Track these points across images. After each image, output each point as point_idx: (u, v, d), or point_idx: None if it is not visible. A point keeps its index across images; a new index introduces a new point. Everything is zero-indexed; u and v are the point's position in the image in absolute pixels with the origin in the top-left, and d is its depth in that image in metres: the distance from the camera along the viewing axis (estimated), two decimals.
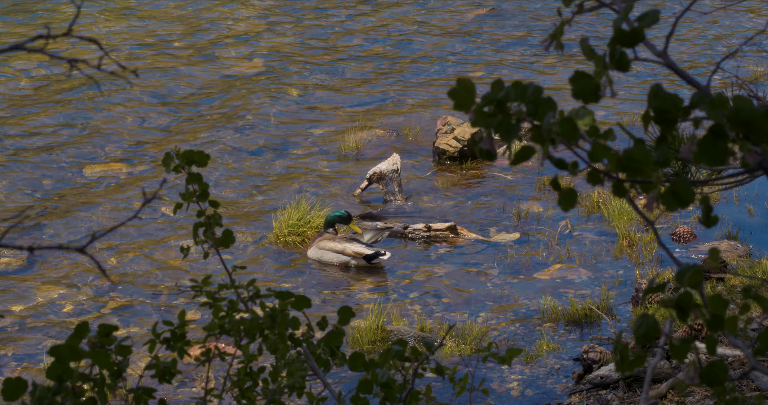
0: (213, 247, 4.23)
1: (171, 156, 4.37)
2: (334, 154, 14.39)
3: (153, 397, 3.48)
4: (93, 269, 11.65)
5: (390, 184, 13.29)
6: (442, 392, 9.17)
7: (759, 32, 5.13)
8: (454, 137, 14.22)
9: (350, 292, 11.48)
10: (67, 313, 10.94)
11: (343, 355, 4.37)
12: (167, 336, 3.60)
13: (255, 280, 3.86)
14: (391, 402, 4.19)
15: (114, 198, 13.14)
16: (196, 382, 9.82)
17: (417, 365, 3.94)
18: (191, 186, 4.37)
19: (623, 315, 10.87)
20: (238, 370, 3.79)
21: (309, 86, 16.38)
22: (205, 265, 11.74)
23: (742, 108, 2.96)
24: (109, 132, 14.80)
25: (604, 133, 3.14)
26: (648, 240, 12.17)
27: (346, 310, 4.41)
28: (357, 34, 18.47)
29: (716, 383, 3.01)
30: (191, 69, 16.78)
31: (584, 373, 9.92)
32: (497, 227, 12.74)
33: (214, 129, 14.95)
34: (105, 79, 15.86)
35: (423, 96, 16.13)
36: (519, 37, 18.43)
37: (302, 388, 3.87)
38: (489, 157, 3.16)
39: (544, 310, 10.92)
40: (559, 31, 3.28)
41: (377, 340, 10.36)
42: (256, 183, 13.62)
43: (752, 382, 8.91)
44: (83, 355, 3.14)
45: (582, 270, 11.76)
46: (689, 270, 2.88)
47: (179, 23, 18.77)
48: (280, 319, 3.70)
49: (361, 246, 11.94)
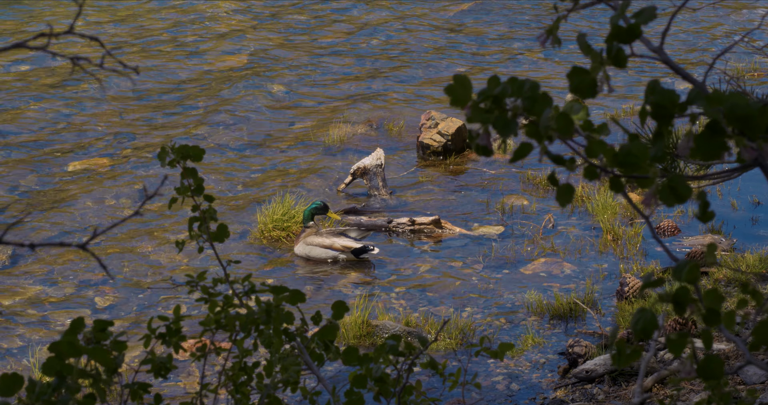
0: (208, 241, 4.23)
1: (166, 151, 4.37)
2: (317, 149, 14.39)
3: (148, 392, 3.48)
4: (76, 265, 11.62)
5: (374, 178, 13.29)
6: (427, 386, 9.18)
7: (750, 31, 5.13)
8: (438, 132, 14.23)
9: (335, 287, 11.48)
10: (50, 307, 10.91)
11: (336, 350, 4.38)
12: (162, 331, 3.61)
13: (251, 275, 3.86)
14: (386, 396, 4.21)
15: (96, 193, 13.11)
16: (181, 377, 9.81)
17: (412, 360, 3.95)
18: (186, 180, 4.37)
19: (608, 309, 10.90)
20: (233, 364, 3.79)
21: (293, 81, 16.36)
22: (188, 259, 11.73)
23: (738, 104, 2.98)
24: (91, 127, 14.76)
25: (598, 127, 3.16)
26: (632, 234, 12.21)
27: (340, 305, 4.42)
28: (340, 29, 18.46)
29: (713, 377, 3.03)
30: (174, 64, 16.74)
31: (569, 367, 9.94)
32: (481, 221, 12.75)
33: (197, 124, 14.92)
34: (89, 75, 15.80)
35: (407, 91, 16.13)
36: (501, 31, 18.44)
37: (296, 383, 3.88)
38: (485, 153, 3.17)
39: (528, 304, 10.94)
40: (555, 26, 3.29)
41: (363, 335, 10.36)
42: (239, 178, 13.60)
43: (737, 376, 8.96)
44: (82, 351, 3.14)
45: (566, 264, 11.78)
46: (686, 266, 2.90)
47: (162, 18, 18.73)
48: (276, 314, 3.71)
49: (349, 240, 11.94)
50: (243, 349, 3.78)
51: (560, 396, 9.53)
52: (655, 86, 3.03)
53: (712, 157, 3.02)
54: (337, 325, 4.39)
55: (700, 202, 2.99)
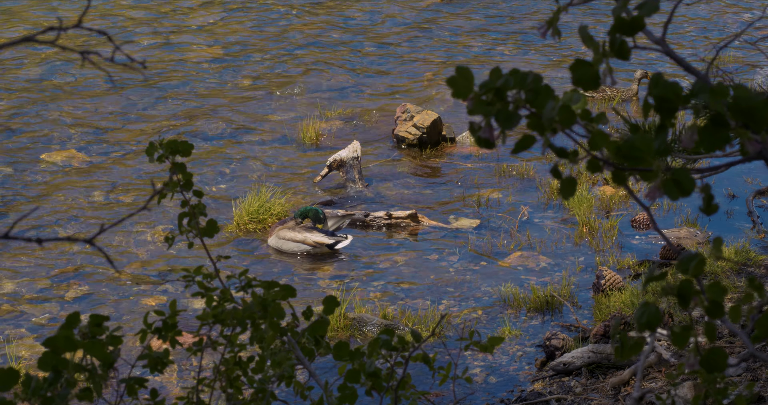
0: (198, 236, 4.20)
1: (155, 146, 4.33)
2: (293, 142, 14.35)
3: (145, 387, 3.45)
4: (52, 258, 11.56)
5: (350, 171, 13.27)
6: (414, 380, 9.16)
7: (751, 23, 5.13)
8: (413, 124, 14.21)
9: (312, 280, 11.45)
10: (26, 302, 10.84)
11: (327, 345, 4.35)
12: (159, 325, 3.57)
13: (247, 270, 3.83)
14: (378, 391, 4.19)
15: (72, 186, 13.03)
16: (166, 371, 9.76)
17: (409, 354, 3.93)
18: (175, 175, 4.34)
19: (585, 302, 10.92)
20: (228, 359, 3.77)
21: (268, 74, 16.31)
22: (167, 252, 11.69)
23: (742, 97, 2.97)
24: (66, 119, 14.67)
25: (596, 116, 3.15)
26: (608, 227, 12.23)
27: (330, 300, 4.40)
28: (314, 22, 18.41)
29: (716, 369, 3.02)
30: (148, 56, 16.65)
31: (547, 359, 9.96)
32: (457, 214, 12.75)
33: (171, 117, 14.85)
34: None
35: (382, 83, 16.11)
36: (476, 24, 18.44)
37: (291, 378, 3.86)
38: (488, 146, 3.15)
39: (505, 296, 10.95)
40: (555, 18, 3.27)
41: (340, 328, 10.35)
42: (215, 171, 13.55)
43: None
44: (79, 346, 3.11)
45: (542, 257, 11.80)
46: (693, 259, 2.89)
47: (137, 10, 18.63)
48: (272, 308, 3.68)
49: (321, 235, 11.90)
50: (238, 344, 3.75)
51: (538, 388, 9.55)
52: (658, 79, 3.02)
53: (716, 149, 3.02)
54: (328, 320, 4.37)
55: (705, 195, 2.98)
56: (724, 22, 18.69)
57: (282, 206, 12.45)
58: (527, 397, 9.41)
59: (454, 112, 15.20)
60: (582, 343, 10.00)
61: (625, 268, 11.48)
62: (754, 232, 12.13)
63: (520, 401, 9.38)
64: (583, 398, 9.22)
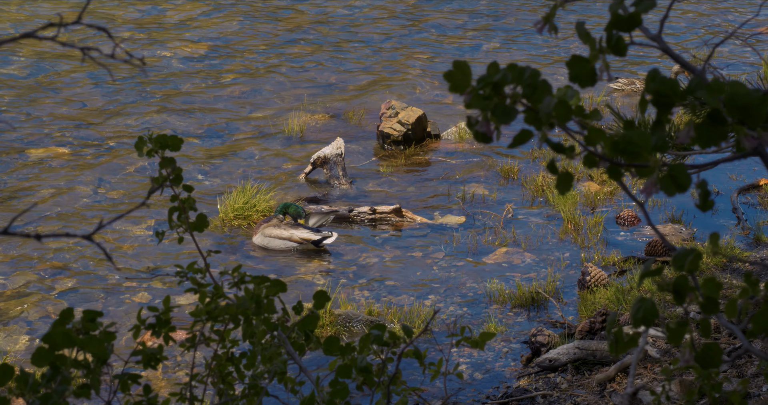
0: (187, 231, 4.19)
1: (144, 140, 4.32)
2: (278, 139, 14.33)
3: (138, 383, 3.44)
4: (34, 254, 11.52)
5: (334, 168, 13.25)
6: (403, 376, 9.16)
7: (747, 20, 5.15)
8: (398, 121, 14.20)
9: (297, 276, 11.44)
10: (7, 297, 10.81)
11: (317, 340, 4.35)
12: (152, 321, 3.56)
13: (241, 266, 3.82)
14: (370, 386, 4.18)
15: (57, 181, 12.99)
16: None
17: (402, 350, 3.93)
18: (164, 170, 4.32)
19: (570, 298, 10.92)
20: (221, 354, 3.75)
21: (252, 70, 16.28)
22: (154, 247, 11.66)
23: (738, 93, 2.97)
24: (51, 115, 14.63)
25: (590, 112, 3.15)
26: (593, 223, 12.24)
27: (321, 295, 4.39)
28: (299, 19, 18.38)
29: (711, 365, 3.03)
30: (133, 52, 16.61)
31: (532, 356, 9.96)
32: (442, 210, 12.75)
33: (156, 113, 14.82)
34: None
35: (366, 80, 16.09)
36: (459, 20, 18.44)
37: (284, 373, 3.85)
38: (485, 140, 3.15)
39: (491, 293, 10.95)
40: (552, 13, 3.27)
41: (325, 325, 10.34)
42: (199, 167, 13.52)
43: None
44: (77, 341, 3.09)
45: (527, 253, 11.80)
46: (689, 255, 2.89)
47: (121, 6, 18.58)
48: (265, 304, 3.67)
49: (307, 232, 11.89)
50: (230, 339, 3.74)
51: (523, 385, 9.55)
52: (655, 74, 3.02)
53: (712, 145, 3.02)
54: (318, 315, 4.36)
55: (701, 191, 2.98)
56: (713, 19, 18.73)
57: (267, 203, 12.43)
58: (513, 394, 9.42)
59: (438, 108, 15.20)
60: (567, 339, 10.00)
61: (610, 264, 11.49)
62: (738, 229, 12.16)
63: (506, 397, 9.38)
64: (568, 394, 9.23)
